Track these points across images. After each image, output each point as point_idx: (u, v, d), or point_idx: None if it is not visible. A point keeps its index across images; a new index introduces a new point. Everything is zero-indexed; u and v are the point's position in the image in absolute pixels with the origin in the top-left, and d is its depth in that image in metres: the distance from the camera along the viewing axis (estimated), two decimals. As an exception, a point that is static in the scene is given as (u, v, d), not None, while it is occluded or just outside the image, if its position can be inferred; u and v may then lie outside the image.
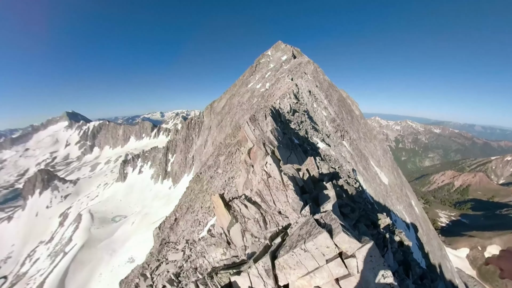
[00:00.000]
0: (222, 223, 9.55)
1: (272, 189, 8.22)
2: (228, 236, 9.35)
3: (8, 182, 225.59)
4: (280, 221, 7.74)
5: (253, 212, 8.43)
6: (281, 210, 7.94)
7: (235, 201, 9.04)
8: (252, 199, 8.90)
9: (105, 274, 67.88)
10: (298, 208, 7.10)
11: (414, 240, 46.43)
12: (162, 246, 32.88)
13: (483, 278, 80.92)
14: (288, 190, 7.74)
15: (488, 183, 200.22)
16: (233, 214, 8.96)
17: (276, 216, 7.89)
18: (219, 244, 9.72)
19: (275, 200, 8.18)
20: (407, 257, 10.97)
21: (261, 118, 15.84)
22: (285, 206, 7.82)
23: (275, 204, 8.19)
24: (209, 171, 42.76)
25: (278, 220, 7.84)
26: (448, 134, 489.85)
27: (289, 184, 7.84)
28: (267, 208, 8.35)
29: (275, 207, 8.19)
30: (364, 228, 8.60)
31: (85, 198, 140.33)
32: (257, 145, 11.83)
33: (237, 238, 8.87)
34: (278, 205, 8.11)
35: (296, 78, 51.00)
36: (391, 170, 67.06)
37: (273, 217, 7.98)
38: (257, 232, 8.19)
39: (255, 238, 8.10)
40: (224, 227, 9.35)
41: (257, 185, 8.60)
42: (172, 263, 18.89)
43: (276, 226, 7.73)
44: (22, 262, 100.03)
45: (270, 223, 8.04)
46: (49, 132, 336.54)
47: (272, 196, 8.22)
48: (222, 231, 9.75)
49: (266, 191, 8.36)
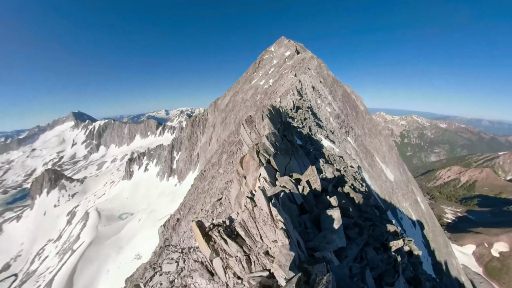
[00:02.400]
0: (203, 252, 8.13)
1: (258, 221, 6.79)
2: (211, 266, 8.07)
3: (16, 182, 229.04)
4: (268, 264, 6.40)
5: (234, 250, 7.04)
6: (269, 250, 6.59)
7: (215, 233, 7.52)
8: (235, 230, 7.42)
9: (112, 271, 68.84)
10: (287, 263, 5.48)
11: (420, 238, 46.15)
12: (163, 249, 33.01)
13: (490, 275, 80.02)
14: (278, 229, 6.24)
15: (495, 179, 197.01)
16: (213, 247, 7.59)
17: (263, 258, 6.53)
18: (202, 275, 8.47)
19: (262, 235, 6.81)
20: (417, 270, 10.45)
21: (258, 119, 14.28)
22: (273, 246, 6.43)
23: (262, 240, 6.84)
24: (212, 169, 42.84)
25: (265, 263, 6.50)
26: (454, 129, 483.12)
27: (279, 221, 6.30)
28: (252, 245, 6.97)
29: (262, 243, 6.84)
30: (373, 253, 7.89)
31: (92, 196, 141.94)
32: (249, 154, 10.42)
33: (220, 272, 7.61)
34: (265, 242, 6.76)
35: (299, 74, 50.63)
36: (396, 166, 66.56)
37: (259, 258, 6.63)
38: (240, 273, 6.92)
39: (238, 280, 6.96)
40: (206, 256, 7.98)
41: (241, 214, 7.16)
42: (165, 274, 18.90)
43: (263, 269, 6.51)
44: (32, 260, 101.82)
45: (255, 264, 6.70)
46: (56, 132, 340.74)
47: (259, 230, 6.82)
48: (205, 259, 8.43)
49: (251, 222, 6.92)
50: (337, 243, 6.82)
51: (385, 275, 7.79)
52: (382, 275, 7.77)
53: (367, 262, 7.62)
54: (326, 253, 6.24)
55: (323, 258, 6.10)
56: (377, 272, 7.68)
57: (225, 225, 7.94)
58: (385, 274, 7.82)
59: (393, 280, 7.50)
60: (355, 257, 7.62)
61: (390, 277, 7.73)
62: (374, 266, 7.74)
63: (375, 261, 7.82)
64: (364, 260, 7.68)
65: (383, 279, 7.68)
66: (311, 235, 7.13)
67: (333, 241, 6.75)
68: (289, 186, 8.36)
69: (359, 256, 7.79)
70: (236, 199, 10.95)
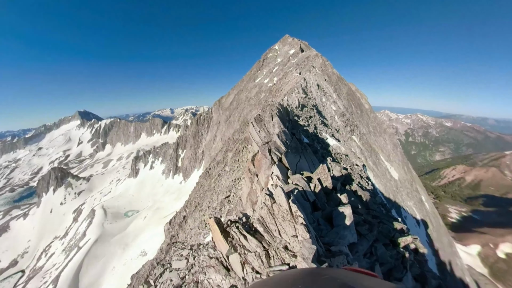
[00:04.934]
0: (220, 248, 8.26)
1: (277, 217, 6.90)
2: (227, 261, 8.13)
3: (23, 181, 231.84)
4: (287, 259, 6.49)
5: (253, 245, 7.12)
6: (288, 245, 6.68)
7: (233, 229, 7.68)
8: (253, 226, 7.54)
9: (118, 268, 69.66)
10: (310, 256, 5.60)
11: (424, 237, 45.99)
12: (170, 246, 33.32)
13: (495, 276, 78.95)
14: (298, 225, 6.37)
15: (501, 178, 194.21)
16: (231, 243, 7.62)
17: (282, 252, 6.62)
18: (218, 270, 8.44)
19: (280, 231, 6.89)
20: (423, 267, 10.60)
21: (267, 118, 14.28)
22: (293, 241, 6.52)
23: (281, 235, 6.91)
24: (217, 167, 43.07)
25: (284, 257, 6.57)
26: (459, 127, 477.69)
27: (298, 216, 6.45)
28: (271, 241, 7.06)
29: (280, 239, 6.90)
30: (382, 250, 8.04)
31: (98, 194, 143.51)
32: (261, 152, 10.40)
33: (237, 267, 7.62)
34: (284, 237, 6.83)
35: (304, 72, 50.56)
36: (401, 165, 66.26)
37: (278, 253, 6.71)
38: (259, 267, 6.95)
39: (257, 274, 6.99)
40: (222, 252, 8.09)
41: (259, 210, 7.26)
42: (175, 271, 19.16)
43: (282, 263, 6.58)
44: (38, 257, 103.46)
45: (275, 259, 6.77)
46: (62, 131, 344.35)
47: (277, 226, 6.92)
48: (221, 255, 8.48)
49: (269, 219, 7.01)
50: (349, 239, 6.97)
51: (394, 270, 7.98)
52: (391, 270, 7.96)
53: (376, 258, 7.80)
54: (342, 247, 6.43)
55: (340, 252, 6.26)
56: (386, 268, 7.86)
57: (242, 221, 8.07)
58: (394, 269, 8.00)
59: (402, 275, 7.68)
60: (365, 253, 7.80)
61: (398, 273, 7.90)
62: (384, 261, 7.92)
63: (384, 257, 7.99)
64: (374, 256, 7.86)
65: (392, 274, 7.85)
66: (325, 231, 7.26)
67: (346, 237, 6.91)
68: (301, 184, 8.46)
69: (369, 252, 7.97)
70: (248, 197, 10.98)
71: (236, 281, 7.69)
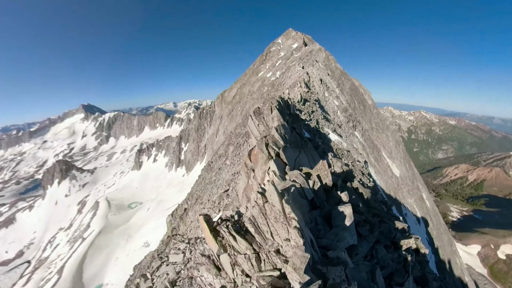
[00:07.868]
0: (211, 247, 7.79)
1: (269, 218, 6.37)
2: (218, 261, 7.71)
3: (28, 173, 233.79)
4: (278, 264, 6.05)
5: (243, 247, 6.64)
6: (280, 249, 6.22)
7: (223, 228, 7.15)
8: (244, 226, 7.04)
9: (121, 258, 70.73)
10: (302, 266, 5.05)
11: (424, 235, 45.90)
12: (170, 238, 33.56)
13: (495, 277, 78.58)
14: (291, 228, 5.82)
15: (505, 179, 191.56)
16: (221, 243, 7.19)
17: (274, 256, 6.17)
18: (208, 270, 8.07)
19: (272, 233, 6.41)
20: (424, 268, 10.30)
21: (267, 111, 13.60)
22: (285, 244, 6.04)
23: (273, 237, 6.45)
24: (219, 161, 43.18)
25: (275, 262, 6.14)
26: (464, 126, 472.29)
27: (292, 219, 5.90)
28: (262, 243, 6.59)
29: (272, 241, 6.46)
30: (384, 252, 7.69)
31: (102, 186, 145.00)
32: (258, 146, 9.85)
33: (227, 268, 7.24)
34: (276, 240, 6.38)
35: (307, 66, 50.05)
36: (403, 162, 65.89)
37: (270, 257, 6.26)
38: (249, 270, 6.55)
39: (246, 278, 6.63)
40: (213, 251, 7.66)
41: (251, 209, 6.76)
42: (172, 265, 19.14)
43: (273, 267, 6.19)
44: (44, 248, 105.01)
45: (266, 263, 6.33)
46: (66, 124, 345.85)
47: (270, 227, 6.43)
48: (213, 254, 8.06)
49: (261, 219, 6.48)
50: (348, 241, 6.69)
51: (395, 275, 7.61)
52: (392, 275, 7.58)
53: (377, 261, 7.49)
54: (340, 253, 6.01)
55: (338, 259, 5.87)
56: (387, 271, 7.51)
57: (234, 220, 7.74)
58: (395, 273, 7.65)
59: (403, 280, 7.29)
60: (365, 255, 7.46)
61: (400, 277, 7.52)
62: (385, 265, 7.58)
63: (385, 260, 7.66)
64: (374, 259, 7.54)
65: (393, 278, 7.49)
66: (322, 232, 6.95)
67: (345, 238, 6.63)
68: (299, 180, 8.04)
69: (369, 254, 7.62)
70: (244, 192, 10.59)
71: (226, 282, 7.32)
